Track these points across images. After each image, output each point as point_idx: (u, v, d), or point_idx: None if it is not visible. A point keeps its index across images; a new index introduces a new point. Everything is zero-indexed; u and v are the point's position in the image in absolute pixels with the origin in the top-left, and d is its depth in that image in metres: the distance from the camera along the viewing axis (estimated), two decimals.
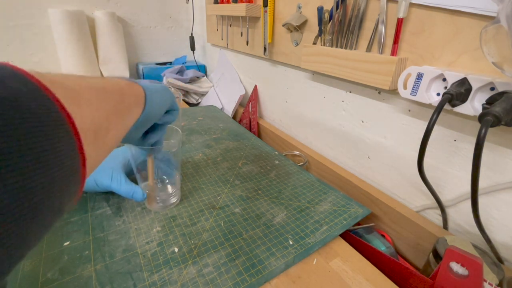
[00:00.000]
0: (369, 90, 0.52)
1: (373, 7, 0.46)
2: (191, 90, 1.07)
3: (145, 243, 0.38)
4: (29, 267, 0.33)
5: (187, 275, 0.34)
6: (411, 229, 0.46)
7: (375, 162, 0.54)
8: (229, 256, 0.36)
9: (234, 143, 0.68)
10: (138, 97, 0.29)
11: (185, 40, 1.28)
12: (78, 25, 0.95)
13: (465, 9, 0.35)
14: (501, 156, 0.36)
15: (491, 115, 0.29)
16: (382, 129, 0.51)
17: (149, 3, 1.15)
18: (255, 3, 0.74)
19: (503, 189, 0.37)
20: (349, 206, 0.47)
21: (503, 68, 0.27)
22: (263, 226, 0.42)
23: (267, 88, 0.84)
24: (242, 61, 0.94)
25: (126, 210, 0.43)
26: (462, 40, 0.36)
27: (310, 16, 0.59)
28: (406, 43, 0.43)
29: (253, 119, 0.87)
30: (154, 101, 0.31)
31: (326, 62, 0.53)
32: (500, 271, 0.34)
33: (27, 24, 0.95)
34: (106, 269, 0.34)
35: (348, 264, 0.37)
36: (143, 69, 1.11)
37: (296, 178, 0.55)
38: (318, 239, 0.40)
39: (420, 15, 0.40)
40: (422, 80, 0.39)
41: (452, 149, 0.41)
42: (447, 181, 0.43)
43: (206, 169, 0.56)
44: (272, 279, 0.34)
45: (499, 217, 0.38)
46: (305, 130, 0.72)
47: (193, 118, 0.83)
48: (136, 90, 0.28)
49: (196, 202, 0.46)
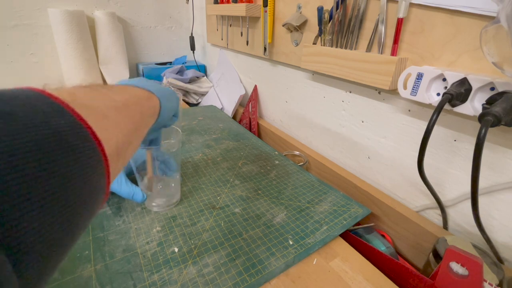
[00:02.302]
0: (369, 90, 0.52)
1: (373, 7, 0.46)
2: (191, 90, 1.07)
3: (145, 243, 0.38)
4: None
5: (187, 275, 0.34)
6: (411, 229, 0.46)
7: (375, 162, 0.54)
8: (229, 256, 0.36)
9: (234, 143, 0.68)
10: (155, 109, 0.30)
11: (185, 40, 1.28)
12: (78, 25, 0.95)
13: (465, 9, 0.35)
14: (501, 156, 0.36)
15: (491, 115, 0.29)
16: (382, 129, 0.51)
17: (149, 3, 1.15)
18: (255, 3, 0.74)
19: (503, 189, 0.37)
20: (349, 206, 0.47)
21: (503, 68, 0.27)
22: (263, 226, 0.42)
23: (267, 88, 0.84)
24: (242, 61, 0.94)
25: (126, 210, 0.43)
26: (462, 40, 0.36)
27: (310, 16, 0.59)
28: (406, 43, 0.43)
29: (253, 119, 0.87)
30: (166, 109, 0.32)
31: (326, 62, 0.53)
32: (500, 271, 0.34)
33: (27, 24, 0.95)
34: (106, 269, 0.34)
35: (348, 264, 0.37)
36: (143, 69, 1.11)
37: (296, 178, 0.55)
38: (318, 239, 0.40)
39: (420, 15, 0.40)
40: (422, 80, 0.39)
41: (452, 149, 0.41)
42: (447, 181, 0.43)
43: (206, 169, 0.56)
44: (272, 279, 0.34)
45: (499, 217, 0.38)
46: (305, 130, 0.72)
47: (193, 118, 0.83)
48: (153, 102, 0.29)
49: (196, 202, 0.46)
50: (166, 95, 0.32)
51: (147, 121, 0.27)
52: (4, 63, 0.95)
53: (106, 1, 1.06)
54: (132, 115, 0.23)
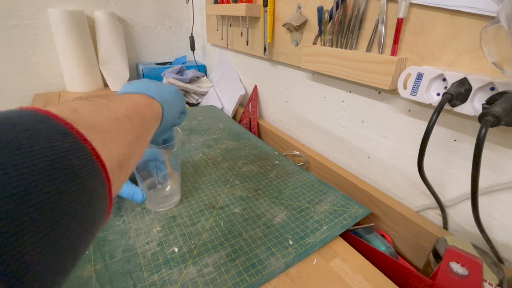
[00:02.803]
0: (369, 90, 0.52)
1: (373, 7, 0.46)
2: (191, 90, 1.07)
3: (145, 243, 0.38)
4: None
5: (187, 275, 0.34)
6: (411, 229, 0.46)
7: (375, 162, 0.54)
8: (229, 256, 0.36)
9: (234, 143, 0.68)
10: (157, 116, 0.29)
11: (185, 40, 1.28)
12: (78, 25, 0.95)
13: (465, 9, 0.35)
14: (501, 156, 0.36)
15: (491, 115, 0.29)
16: (382, 129, 0.51)
17: (149, 3, 1.15)
18: (255, 3, 0.74)
19: (503, 189, 0.37)
20: (349, 206, 0.47)
21: (503, 68, 0.27)
22: (263, 226, 0.42)
23: (267, 88, 0.84)
24: (242, 61, 0.94)
25: (126, 210, 0.43)
26: (462, 40, 0.36)
27: (310, 16, 0.59)
28: (406, 43, 0.43)
29: (253, 119, 0.87)
30: (170, 113, 0.31)
31: (326, 62, 0.53)
32: (500, 271, 0.34)
33: (27, 24, 0.95)
34: (106, 269, 0.34)
35: (348, 264, 0.37)
36: (143, 69, 1.11)
37: (296, 178, 0.55)
38: (318, 239, 0.40)
39: (420, 15, 0.40)
40: (422, 80, 0.39)
41: (452, 149, 0.41)
42: (447, 181, 0.43)
43: (206, 169, 0.56)
44: (272, 279, 0.34)
45: (499, 217, 0.38)
46: (305, 130, 0.72)
47: (193, 118, 0.83)
48: (155, 109, 0.29)
49: (196, 202, 0.46)
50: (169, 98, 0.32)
51: (149, 128, 0.27)
52: (4, 63, 0.95)
53: (106, 1, 1.06)
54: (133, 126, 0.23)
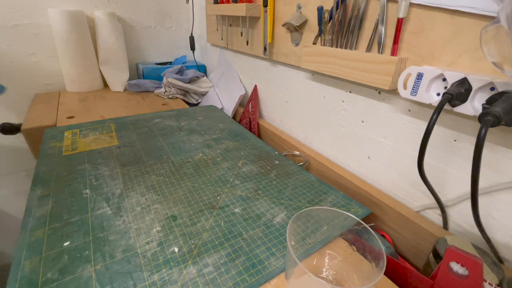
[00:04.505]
0: (369, 90, 0.52)
1: (373, 7, 0.46)
2: (191, 90, 1.07)
3: (145, 243, 0.38)
4: (29, 267, 0.33)
5: (187, 275, 0.34)
6: (411, 229, 0.46)
7: (375, 162, 0.54)
8: (229, 256, 0.36)
9: (234, 143, 0.68)
10: None
11: (185, 40, 1.28)
12: (78, 25, 0.95)
13: (465, 9, 0.35)
14: (501, 156, 0.36)
15: (491, 115, 0.29)
16: (382, 129, 0.51)
17: (149, 3, 1.15)
18: (255, 3, 0.74)
19: (503, 189, 0.37)
20: (349, 206, 0.47)
21: (503, 68, 0.27)
22: (263, 226, 0.42)
23: (267, 88, 0.84)
24: (242, 61, 0.94)
25: (126, 210, 0.43)
26: (462, 40, 0.36)
27: (310, 16, 0.59)
28: (406, 43, 0.43)
29: (253, 119, 0.87)
30: None
31: (326, 62, 0.53)
32: (500, 271, 0.34)
33: (27, 24, 0.95)
34: (106, 269, 0.34)
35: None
36: (143, 69, 1.11)
37: (296, 178, 0.55)
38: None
39: (420, 15, 0.40)
40: (422, 80, 0.39)
41: (452, 149, 0.41)
42: (447, 181, 0.43)
43: (206, 169, 0.56)
44: (272, 279, 0.34)
45: (499, 217, 0.38)
46: (305, 130, 0.72)
47: (193, 118, 0.83)
48: None
49: (196, 202, 0.46)
50: None
51: None
52: (4, 63, 0.95)
53: (106, 1, 1.06)
54: None
